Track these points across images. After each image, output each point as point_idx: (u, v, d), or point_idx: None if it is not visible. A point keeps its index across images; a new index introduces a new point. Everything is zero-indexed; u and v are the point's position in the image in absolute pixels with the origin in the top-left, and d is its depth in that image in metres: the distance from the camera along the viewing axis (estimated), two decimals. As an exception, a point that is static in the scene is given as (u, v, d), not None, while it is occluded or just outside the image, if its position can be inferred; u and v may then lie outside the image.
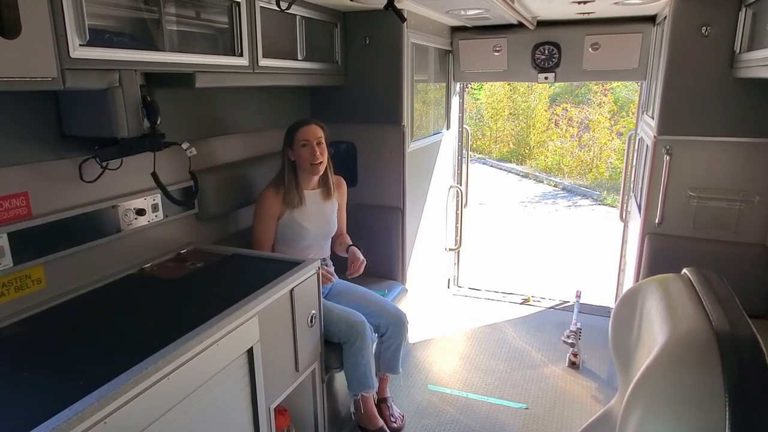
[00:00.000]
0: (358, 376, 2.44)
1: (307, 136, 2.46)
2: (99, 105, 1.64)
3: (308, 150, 2.46)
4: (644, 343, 0.85)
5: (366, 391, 2.50)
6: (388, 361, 2.62)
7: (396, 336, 2.60)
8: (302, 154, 2.47)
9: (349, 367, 2.44)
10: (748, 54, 2.35)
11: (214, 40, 2.11)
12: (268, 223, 2.50)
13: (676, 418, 0.65)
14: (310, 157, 2.47)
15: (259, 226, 2.50)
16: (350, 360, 2.42)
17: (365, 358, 2.41)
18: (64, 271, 1.83)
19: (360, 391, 2.49)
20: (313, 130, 2.48)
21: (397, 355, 2.63)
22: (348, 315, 2.43)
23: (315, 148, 2.46)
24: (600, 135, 11.90)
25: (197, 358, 1.52)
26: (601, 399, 3.02)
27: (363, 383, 2.45)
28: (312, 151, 2.46)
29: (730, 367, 0.63)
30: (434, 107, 3.87)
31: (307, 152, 2.47)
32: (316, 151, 2.46)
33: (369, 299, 2.65)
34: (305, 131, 2.47)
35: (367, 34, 3.03)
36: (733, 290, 0.80)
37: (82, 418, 1.17)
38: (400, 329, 2.60)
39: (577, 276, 5.56)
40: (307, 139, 2.46)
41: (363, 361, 2.41)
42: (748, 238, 2.69)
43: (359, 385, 2.46)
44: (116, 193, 2.02)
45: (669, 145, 2.74)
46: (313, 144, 2.46)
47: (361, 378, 2.44)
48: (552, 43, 3.57)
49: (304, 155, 2.47)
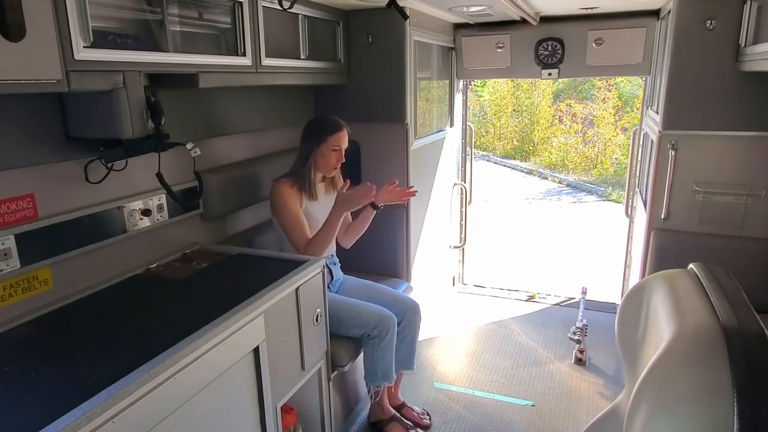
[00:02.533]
0: (384, 368, 2.52)
1: (341, 143, 2.52)
2: (103, 106, 1.64)
3: (337, 155, 2.52)
4: (651, 339, 0.85)
5: (388, 382, 2.58)
6: (404, 355, 2.66)
7: (411, 325, 2.66)
8: (330, 157, 2.51)
9: (376, 360, 2.50)
10: (754, 47, 2.33)
11: (217, 40, 2.12)
12: (298, 211, 2.47)
13: (683, 415, 0.65)
14: (335, 163, 2.54)
15: (291, 218, 2.43)
16: (378, 353, 2.49)
17: (392, 349, 2.52)
18: (70, 271, 1.84)
19: (384, 383, 2.57)
20: (346, 138, 2.54)
21: (413, 346, 2.68)
22: (377, 310, 2.49)
23: (342, 156, 2.54)
24: (604, 131, 11.84)
25: (204, 358, 1.52)
26: (607, 395, 3.01)
27: (388, 375, 2.54)
28: (339, 158, 2.53)
29: (738, 363, 0.62)
30: (437, 105, 3.86)
31: (335, 157, 2.53)
32: (342, 159, 2.55)
33: (381, 291, 2.71)
34: (341, 138, 2.51)
35: (370, 33, 3.02)
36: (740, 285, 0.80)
37: (91, 418, 1.18)
38: (415, 317, 2.66)
39: (583, 272, 5.54)
40: (339, 146, 2.51)
41: (389, 353, 2.51)
42: (755, 232, 2.68)
43: (384, 377, 2.54)
44: (122, 194, 2.03)
45: (674, 139, 2.72)
46: (342, 151, 2.53)
47: (387, 369, 2.53)
48: (555, 39, 3.56)
49: (331, 159, 2.52)
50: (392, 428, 2.64)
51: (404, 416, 2.74)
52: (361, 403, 2.87)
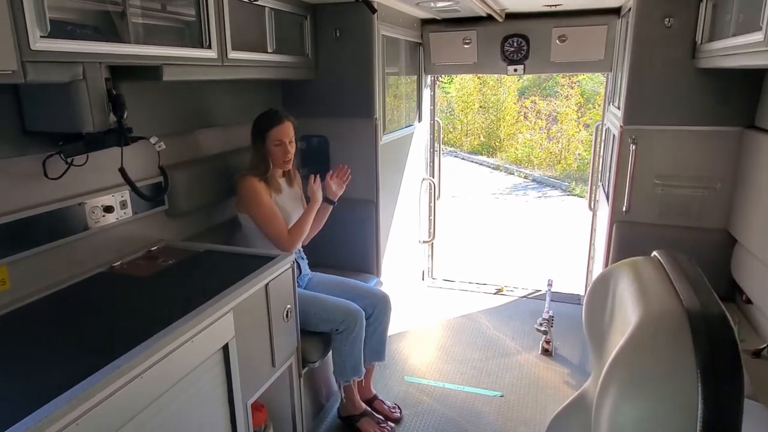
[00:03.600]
0: (352, 362, 2.51)
1: (281, 136, 2.46)
2: (62, 99, 1.58)
3: (281, 150, 2.48)
4: (617, 325, 0.87)
5: (357, 376, 2.57)
6: (375, 347, 2.66)
7: (382, 316, 2.66)
8: (275, 152, 2.48)
9: (345, 355, 2.50)
10: (709, 44, 2.42)
11: (182, 33, 2.07)
12: (272, 204, 2.46)
13: (650, 395, 0.67)
14: (282, 157, 2.49)
15: (266, 211, 2.42)
16: (346, 348, 2.48)
17: (360, 343, 2.51)
18: (29, 271, 1.77)
19: (353, 377, 2.56)
20: (287, 130, 2.47)
21: (383, 338, 2.68)
22: (344, 304, 2.49)
23: (288, 148, 2.48)
24: (568, 127, 12.11)
25: (171, 356, 1.49)
26: (573, 384, 3.09)
27: (357, 369, 2.54)
28: (284, 151, 2.48)
29: (701, 344, 0.65)
30: (406, 100, 3.87)
31: (279, 152, 2.48)
32: (289, 151, 2.49)
33: (350, 284, 2.72)
34: (279, 132, 2.46)
35: (338, 27, 3.00)
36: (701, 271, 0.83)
37: (53, 420, 1.14)
38: (385, 308, 2.67)
39: (549, 265, 5.67)
40: (280, 139, 2.46)
41: (357, 348, 2.50)
42: (711, 223, 2.79)
43: (353, 371, 2.54)
44: (82, 190, 1.96)
45: (635, 134, 2.81)
46: (286, 144, 2.47)
47: (355, 364, 2.52)
48: (521, 36, 3.61)
49: (277, 154, 2.48)
50: (364, 423, 2.64)
51: (375, 409, 2.74)
52: (333, 399, 2.86)
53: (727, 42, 2.15)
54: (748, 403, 0.76)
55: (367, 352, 2.62)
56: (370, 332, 2.62)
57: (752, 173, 2.51)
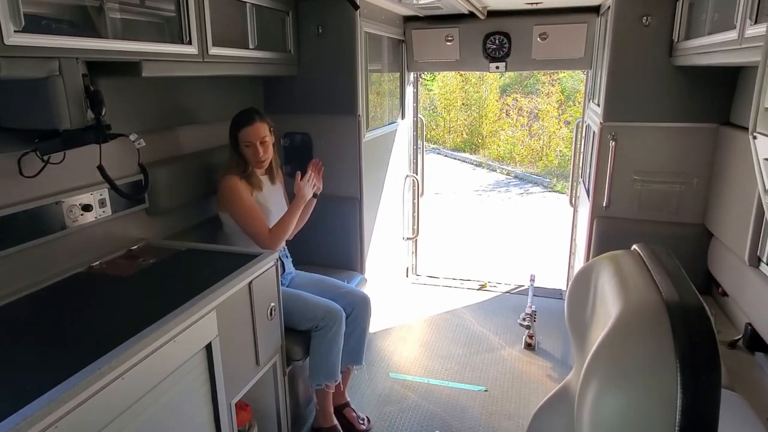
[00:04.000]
0: (328, 365, 2.44)
1: (250, 138, 2.44)
2: (38, 95, 1.55)
3: (251, 150, 2.46)
4: (599, 318, 0.88)
5: (331, 381, 2.48)
6: (352, 349, 2.60)
7: (361, 318, 2.60)
8: (247, 153, 2.46)
9: (320, 356, 2.43)
10: (686, 42, 2.47)
11: (161, 28, 2.04)
12: (253, 202, 2.46)
13: (631, 386, 0.68)
14: (254, 157, 2.47)
15: (247, 210, 2.41)
16: (322, 347, 2.42)
17: (338, 345, 2.45)
18: (5, 271, 1.73)
19: (326, 381, 2.48)
20: (256, 131, 2.44)
21: (362, 340, 2.63)
22: (324, 302, 2.46)
23: (258, 149, 2.45)
24: (549, 124, 12.25)
25: (153, 356, 1.47)
26: (556, 377, 3.13)
27: (332, 372, 2.46)
28: (254, 152, 2.46)
29: (680, 334, 0.66)
30: (389, 97, 3.87)
31: (250, 152, 2.46)
32: (259, 152, 2.46)
33: (332, 284, 2.68)
34: (248, 133, 2.43)
35: (320, 23, 2.99)
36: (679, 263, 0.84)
37: (32, 423, 1.12)
38: (365, 309, 2.62)
39: (531, 261, 5.73)
40: (250, 140, 2.44)
41: (335, 349, 2.44)
42: (688, 218, 2.84)
43: (328, 374, 2.46)
44: (60, 188, 1.92)
45: (614, 131, 2.85)
46: (256, 144, 2.44)
47: (330, 366, 2.45)
48: (502, 33, 3.64)
49: (249, 155, 2.47)
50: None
51: (345, 417, 2.68)
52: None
53: (703, 40, 2.19)
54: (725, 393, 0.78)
55: (344, 353, 2.55)
56: (348, 333, 2.56)
57: (727, 169, 2.57)
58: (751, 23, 1.66)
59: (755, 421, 1.71)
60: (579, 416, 0.76)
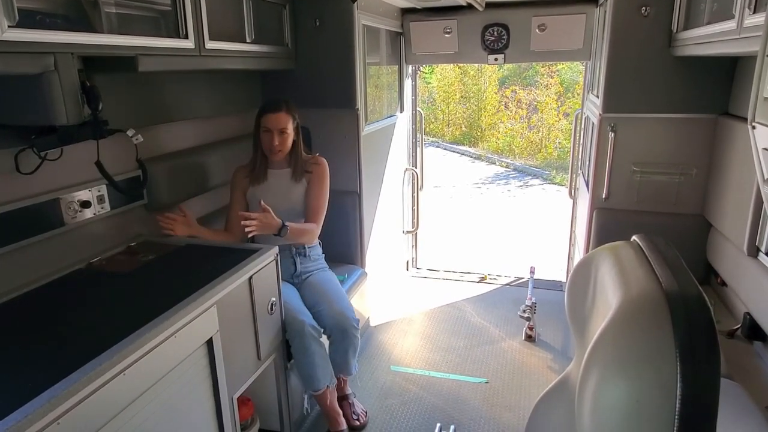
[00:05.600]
0: (302, 375, 2.38)
1: (270, 124, 2.45)
2: (34, 91, 1.54)
3: (268, 137, 2.47)
4: (599, 309, 0.88)
5: (315, 391, 2.41)
6: (339, 364, 2.52)
7: (340, 341, 2.46)
8: (263, 139, 2.49)
9: (297, 364, 2.37)
10: (685, 33, 2.46)
11: (157, 22, 2.02)
12: (233, 196, 2.59)
13: (631, 376, 0.68)
14: (268, 144, 2.47)
15: (230, 201, 2.61)
16: (296, 357, 2.35)
17: (308, 357, 2.32)
18: (5, 268, 1.73)
19: (308, 390, 2.45)
20: (278, 119, 2.45)
21: (346, 358, 2.52)
22: (291, 312, 2.32)
23: (274, 138, 2.45)
24: (548, 116, 12.21)
25: (154, 352, 1.47)
26: (556, 369, 3.14)
27: (309, 382, 2.38)
28: (270, 140, 2.46)
29: (679, 324, 0.66)
30: (387, 91, 3.86)
31: (266, 138, 2.47)
32: (275, 141, 2.46)
33: (325, 298, 2.49)
34: (269, 119, 2.45)
35: (317, 16, 2.97)
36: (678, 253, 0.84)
37: (33, 420, 1.12)
38: (344, 335, 2.44)
39: (531, 253, 5.73)
40: (268, 127, 2.45)
41: (306, 361, 2.32)
42: (687, 209, 2.84)
43: (306, 384, 2.41)
44: (58, 185, 1.92)
45: (613, 122, 2.84)
46: (273, 133, 2.45)
47: (306, 377, 2.37)
48: (501, 25, 3.62)
49: (264, 141, 2.48)
50: None
51: (342, 408, 2.63)
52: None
53: (702, 30, 2.18)
54: (724, 382, 0.78)
55: (333, 364, 2.48)
56: (332, 351, 2.49)
57: (726, 159, 2.56)
58: (750, 12, 1.65)
59: (754, 410, 1.72)
60: (579, 406, 0.76)
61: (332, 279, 2.66)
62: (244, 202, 2.57)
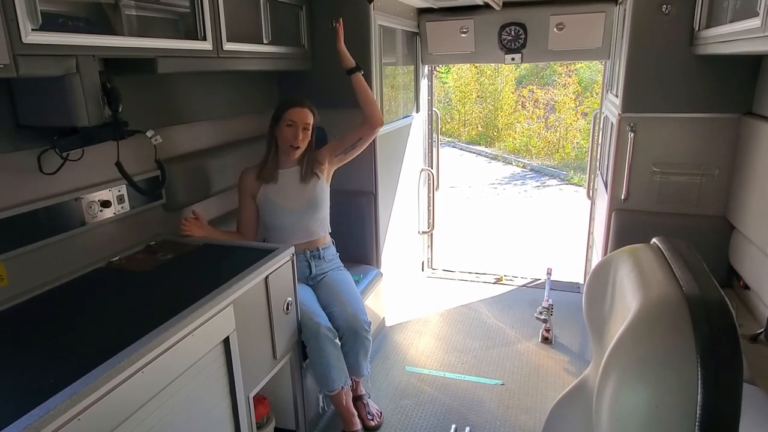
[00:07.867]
0: (317, 375, 2.40)
1: (295, 117, 2.47)
2: (56, 93, 1.57)
3: (292, 131, 2.48)
4: (618, 312, 0.87)
5: (329, 391, 2.42)
6: (351, 365, 2.51)
7: (352, 343, 2.46)
8: (285, 133, 2.49)
9: (312, 364, 2.39)
10: (707, 31, 2.41)
11: (176, 24, 2.05)
12: (242, 199, 2.58)
13: (651, 380, 0.67)
14: (291, 139, 2.48)
15: (239, 204, 2.60)
16: (311, 358, 2.37)
17: (323, 358, 2.33)
18: (27, 267, 1.77)
19: (322, 390, 2.46)
20: (303, 114, 2.48)
21: (357, 360, 2.52)
22: (307, 314, 2.35)
23: (299, 132, 2.48)
24: (565, 116, 12.08)
25: (172, 351, 1.49)
26: (573, 372, 3.10)
27: (324, 383, 2.40)
28: (294, 134, 2.47)
29: (700, 328, 0.65)
30: (403, 91, 3.85)
31: (290, 133, 2.48)
32: (299, 135, 2.48)
33: (338, 299, 2.51)
34: (294, 112, 2.47)
35: (334, 17, 2.97)
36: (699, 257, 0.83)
37: (55, 416, 1.14)
38: (355, 338, 2.45)
39: (548, 254, 5.68)
40: (293, 120, 2.47)
41: (321, 362, 2.34)
42: (709, 210, 2.79)
43: (321, 384, 2.43)
44: (79, 184, 1.96)
45: (633, 122, 2.80)
46: (298, 127, 2.47)
47: (321, 378, 2.39)
48: (518, 24, 3.59)
49: (287, 135, 2.48)
50: None
51: (357, 408, 2.63)
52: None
53: (725, 28, 2.14)
54: (747, 388, 0.77)
55: (347, 366, 2.48)
56: (344, 352, 2.47)
57: (750, 160, 2.51)
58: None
59: (779, 417, 1.68)
60: (598, 410, 0.75)
61: (347, 279, 2.67)
62: (254, 204, 2.56)
